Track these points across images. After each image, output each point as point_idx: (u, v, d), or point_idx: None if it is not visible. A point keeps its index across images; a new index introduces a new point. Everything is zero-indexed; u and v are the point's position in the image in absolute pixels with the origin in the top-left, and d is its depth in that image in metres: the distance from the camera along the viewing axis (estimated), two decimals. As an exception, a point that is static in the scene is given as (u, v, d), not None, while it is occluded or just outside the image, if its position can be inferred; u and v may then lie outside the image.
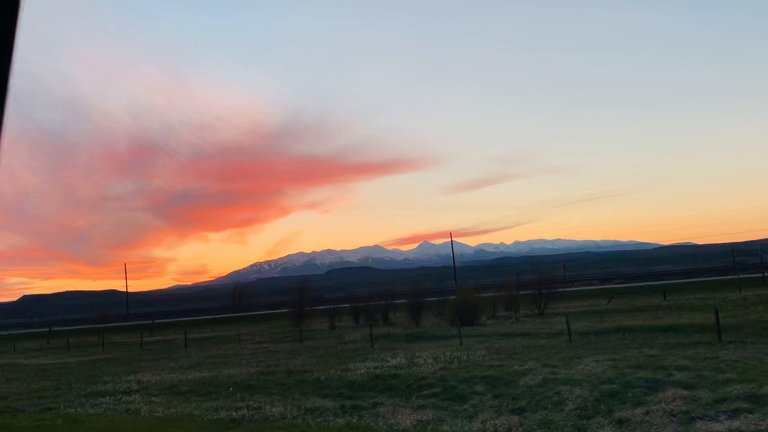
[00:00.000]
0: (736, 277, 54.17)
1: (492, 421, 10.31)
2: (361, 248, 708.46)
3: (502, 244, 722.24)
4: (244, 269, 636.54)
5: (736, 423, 8.67)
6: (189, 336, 41.16)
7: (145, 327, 65.83)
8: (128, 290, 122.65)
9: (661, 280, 66.98)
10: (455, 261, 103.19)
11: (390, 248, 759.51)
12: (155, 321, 79.33)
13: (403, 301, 43.59)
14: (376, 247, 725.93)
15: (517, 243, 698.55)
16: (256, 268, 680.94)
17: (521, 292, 42.90)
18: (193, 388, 17.24)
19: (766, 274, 54.87)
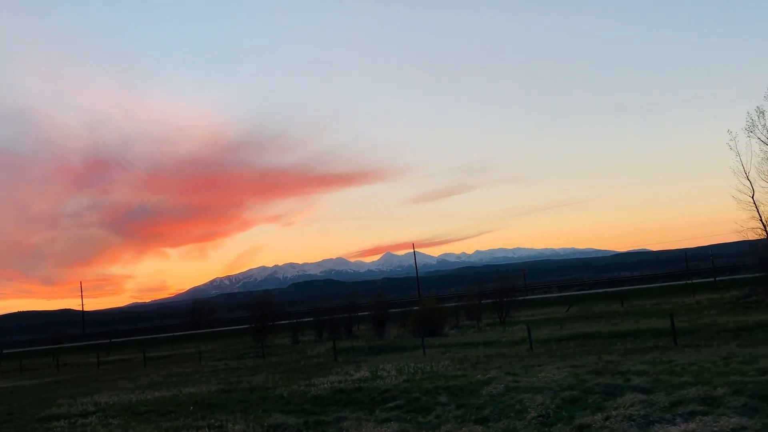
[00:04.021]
0: (690, 282, 55.69)
1: (456, 432, 10.34)
2: (324, 261, 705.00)
3: (463, 253, 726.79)
4: (204, 285, 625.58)
5: (692, 425, 8.88)
6: (148, 354, 40.27)
7: (102, 347, 64.15)
8: (84, 309, 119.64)
9: (619, 287, 68.36)
10: (418, 271, 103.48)
11: (353, 260, 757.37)
12: (112, 340, 77.31)
13: (366, 313, 43.51)
14: (339, 259, 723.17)
15: (478, 252, 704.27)
16: (216, 283, 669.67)
17: (483, 301, 43.31)
18: (152, 408, 16.83)
19: (717, 279, 56.56)
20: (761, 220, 34.02)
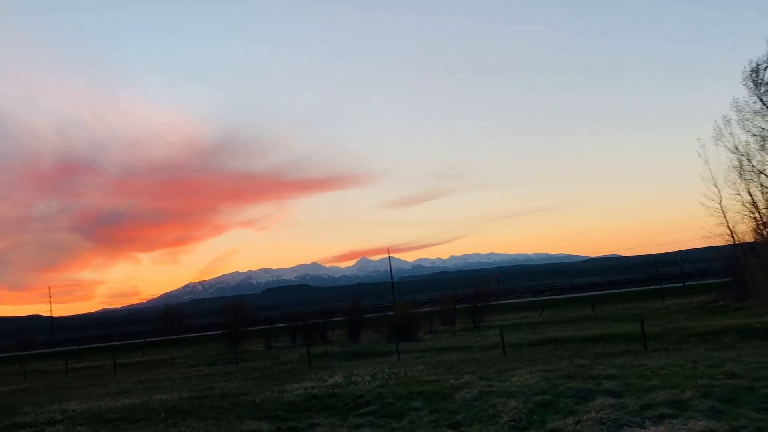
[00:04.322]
0: (660, 287, 56.64)
1: (429, 437, 10.35)
2: (299, 266, 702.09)
3: (438, 258, 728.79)
4: (176, 290, 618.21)
5: (661, 428, 9.02)
6: (119, 361, 39.62)
7: (71, 353, 62.97)
8: (53, 315, 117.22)
9: (590, 292, 69.18)
10: (393, 277, 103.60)
11: (328, 265, 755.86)
12: (82, 346, 75.82)
13: (341, 318, 43.37)
14: (313, 264, 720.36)
15: (453, 257, 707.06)
16: (189, 288, 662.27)
17: (457, 306, 43.47)
18: (122, 415, 16.55)
19: (686, 284, 57.59)
20: (728, 226, 34.74)
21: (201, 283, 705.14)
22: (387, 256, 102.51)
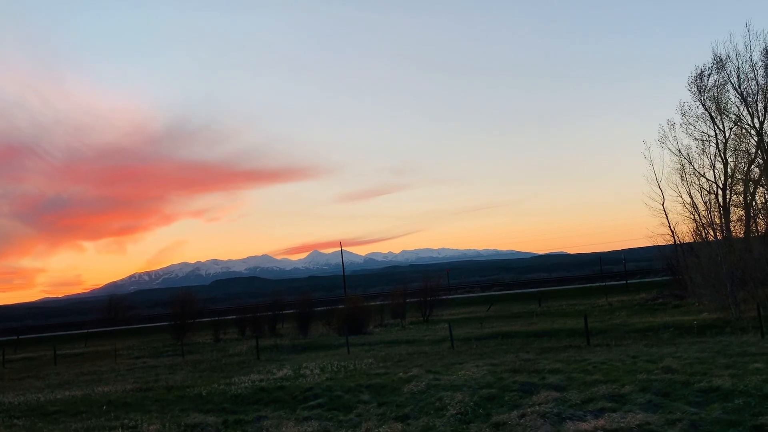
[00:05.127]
0: (603, 284, 58.34)
1: (376, 430, 10.40)
2: (249, 258, 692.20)
3: (390, 253, 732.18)
4: (121, 280, 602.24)
5: (601, 421, 9.30)
6: (59, 352, 38.43)
7: (8, 343, 60.67)
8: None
9: (537, 287, 70.72)
10: (345, 270, 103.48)
11: (279, 258, 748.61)
12: (20, 337, 73.27)
13: (291, 311, 43.12)
14: (264, 256, 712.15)
15: (405, 252, 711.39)
16: (135, 279, 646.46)
17: (408, 300, 43.78)
18: (61, 408, 16.07)
19: (628, 282, 59.45)
20: (670, 226, 36.08)
21: (147, 273, 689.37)
22: (339, 249, 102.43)
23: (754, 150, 33.36)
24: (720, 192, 33.14)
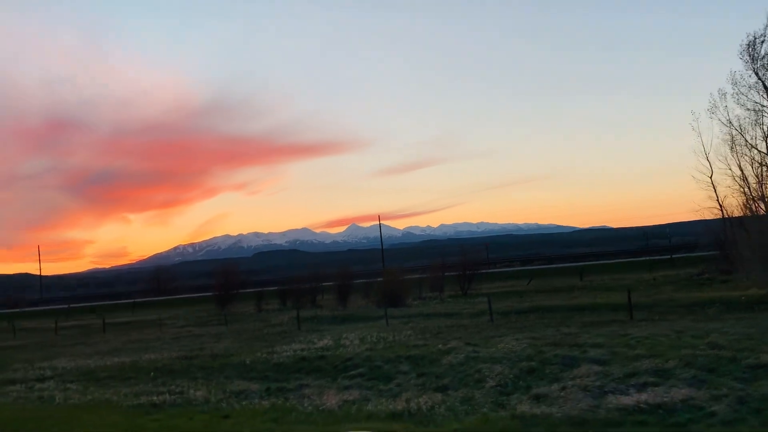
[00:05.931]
0: (648, 258, 57.19)
1: (416, 399, 10.50)
2: (289, 231, 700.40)
3: (428, 227, 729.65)
4: (166, 252, 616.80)
5: (644, 396, 9.19)
6: (108, 321, 39.77)
7: (60, 312, 63.08)
8: (42, 273, 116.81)
9: (578, 262, 69.75)
10: (383, 243, 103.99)
11: (318, 231, 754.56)
12: (71, 306, 75.95)
13: (330, 283, 43.58)
14: (304, 229, 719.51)
15: (443, 226, 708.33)
16: (179, 250, 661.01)
17: (446, 274, 43.73)
18: (111, 374, 16.70)
19: (674, 256, 58.16)
20: (718, 200, 34.96)
21: (191, 245, 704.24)
22: (377, 223, 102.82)
23: (809, 120, 31.92)
24: (772, 164, 31.89)
